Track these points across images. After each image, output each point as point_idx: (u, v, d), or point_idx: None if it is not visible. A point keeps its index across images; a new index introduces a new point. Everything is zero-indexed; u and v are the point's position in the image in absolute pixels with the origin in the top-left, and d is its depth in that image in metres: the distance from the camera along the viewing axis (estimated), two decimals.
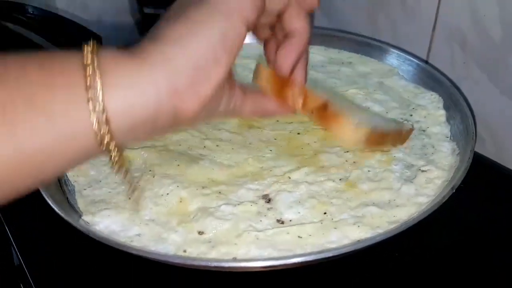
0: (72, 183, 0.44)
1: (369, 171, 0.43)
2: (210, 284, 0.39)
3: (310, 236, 0.38)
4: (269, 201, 0.41)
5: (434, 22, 0.54)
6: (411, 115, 0.50)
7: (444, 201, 0.37)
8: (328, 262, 0.36)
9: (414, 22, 0.56)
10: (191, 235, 0.38)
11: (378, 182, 0.42)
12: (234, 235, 0.38)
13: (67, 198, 0.43)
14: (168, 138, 0.48)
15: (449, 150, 0.45)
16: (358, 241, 0.37)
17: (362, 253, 0.36)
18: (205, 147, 0.47)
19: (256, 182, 0.43)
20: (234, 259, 0.36)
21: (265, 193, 0.41)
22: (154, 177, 0.43)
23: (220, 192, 0.42)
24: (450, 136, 0.47)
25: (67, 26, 0.60)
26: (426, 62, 0.56)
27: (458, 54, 0.52)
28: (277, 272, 0.37)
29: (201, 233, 0.38)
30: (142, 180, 0.43)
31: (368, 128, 0.37)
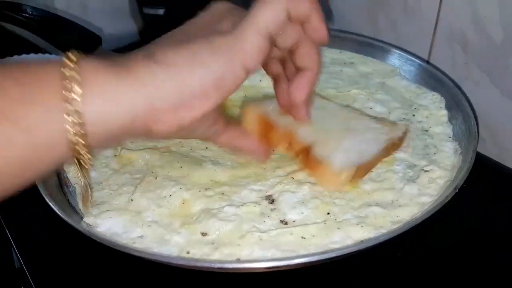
0: (73, 185, 0.44)
1: (371, 172, 0.43)
2: (214, 285, 0.39)
3: (313, 236, 0.37)
4: (272, 201, 0.41)
5: (435, 23, 0.54)
6: (413, 115, 0.49)
7: (447, 201, 0.37)
8: (331, 263, 0.36)
9: (414, 22, 0.56)
10: (194, 237, 0.38)
11: (381, 183, 0.42)
12: (237, 236, 0.38)
13: (68, 200, 0.42)
14: (170, 139, 0.48)
15: (451, 150, 0.45)
16: (362, 241, 0.36)
17: (365, 253, 0.36)
18: (207, 148, 0.47)
19: (259, 183, 0.42)
20: (238, 260, 0.36)
21: (268, 193, 0.41)
22: (156, 178, 0.43)
23: (223, 193, 0.41)
24: (452, 136, 0.47)
25: (66, 27, 0.60)
26: (427, 62, 0.56)
27: (459, 55, 0.52)
28: (280, 272, 0.36)
29: (204, 234, 0.38)
30: (144, 181, 0.43)
31: (351, 169, 0.39)
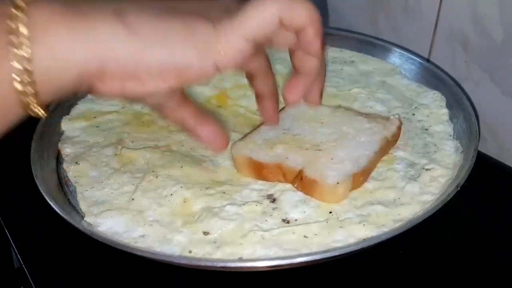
0: (73, 184, 0.44)
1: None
2: (216, 284, 0.39)
3: (315, 235, 0.37)
4: (273, 201, 0.40)
5: (435, 22, 0.54)
6: (414, 114, 0.49)
7: (449, 199, 0.37)
8: (334, 261, 0.36)
9: (415, 22, 0.56)
10: (196, 236, 0.38)
11: (382, 181, 0.42)
12: (239, 235, 0.37)
13: (69, 200, 0.42)
14: (170, 138, 0.48)
15: (452, 148, 0.45)
16: (364, 240, 0.36)
17: (367, 251, 0.36)
18: (207, 147, 0.47)
19: (260, 182, 0.42)
20: (240, 259, 0.36)
21: (269, 193, 0.41)
22: (157, 177, 0.43)
23: (224, 192, 0.41)
24: (453, 134, 0.47)
25: None
26: (428, 61, 0.56)
27: (460, 54, 0.52)
28: (282, 271, 0.36)
29: (206, 233, 0.38)
30: (145, 180, 0.43)
31: (346, 181, 0.39)
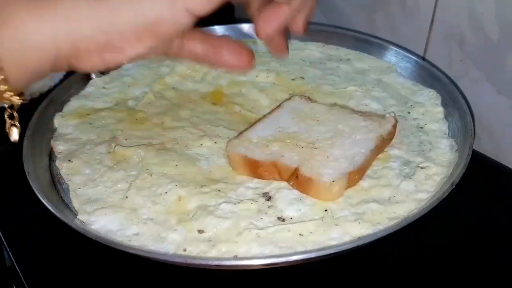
0: (66, 182, 0.43)
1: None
2: (211, 283, 0.38)
3: (311, 233, 0.37)
4: (269, 199, 0.40)
5: (431, 20, 0.54)
6: (409, 112, 0.49)
7: (444, 197, 0.37)
8: (329, 259, 0.36)
9: (412, 20, 0.56)
10: (191, 234, 0.37)
11: (378, 179, 0.42)
12: (234, 233, 0.37)
13: (61, 197, 0.42)
14: (165, 135, 0.48)
15: (447, 146, 0.45)
16: (359, 238, 0.36)
17: (362, 249, 0.36)
18: (202, 145, 0.46)
19: (255, 180, 0.42)
20: (235, 257, 0.36)
21: (265, 191, 0.41)
22: (151, 176, 0.42)
23: (219, 190, 0.41)
24: (448, 133, 0.47)
25: None
26: (423, 59, 0.56)
27: (456, 52, 0.52)
28: (278, 269, 0.36)
29: (201, 231, 0.38)
30: (139, 178, 0.42)
31: (342, 179, 0.39)
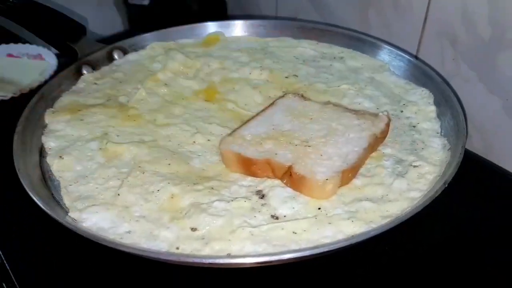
0: (57, 179, 0.42)
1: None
2: (204, 281, 0.38)
3: (304, 231, 0.37)
4: (262, 197, 0.40)
5: (424, 19, 0.54)
6: (402, 111, 0.49)
7: (437, 195, 0.37)
8: (322, 257, 0.36)
9: (404, 18, 0.56)
10: (184, 232, 0.37)
11: (371, 178, 0.42)
12: (228, 231, 0.37)
13: (52, 194, 0.41)
14: (157, 132, 0.47)
15: (439, 145, 0.45)
16: (353, 236, 0.36)
17: (356, 247, 0.36)
18: (195, 142, 0.46)
19: (248, 178, 0.42)
20: (229, 255, 0.35)
21: (258, 189, 0.41)
22: (144, 173, 0.42)
23: (212, 188, 0.41)
24: (441, 131, 0.47)
25: (50, 16, 0.58)
26: (416, 57, 0.56)
27: (448, 51, 0.53)
28: (271, 267, 0.36)
29: (194, 229, 0.37)
30: (131, 176, 0.42)
31: (336, 178, 0.39)
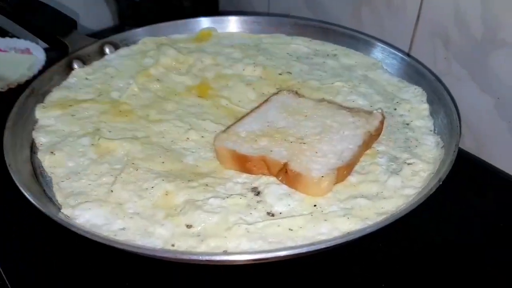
0: (49, 175, 0.42)
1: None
2: (199, 278, 0.38)
3: (300, 228, 0.37)
4: (258, 193, 0.40)
5: (417, 18, 0.54)
6: (395, 109, 0.50)
7: (431, 192, 0.38)
8: (318, 254, 0.36)
9: (397, 17, 0.57)
10: (179, 229, 0.37)
11: (366, 175, 0.42)
12: (223, 228, 0.37)
13: (44, 190, 0.40)
14: (150, 128, 0.47)
15: (433, 143, 0.45)
16: (349, 233, 0.36)
17: (351, 244, 0.36)
18: (188, 139, 0.46)
19: (243, 175, 0.42)
20: (225, 252, 0.35)
21: (253, 185, 0.41)
22: (137, 170, 0.41)
23: (207, 184, 0.40)
24: (434, 129, 0.47)
25: (40, 10, 0.57)
26: (408, 55, 0.56)
27: (440, 50, 0.53)
28: (267, 264, 0.36)
29: (189, 226, 0.37)
30: (125, 172, 0.41)
31: (331, 175, 0.39)
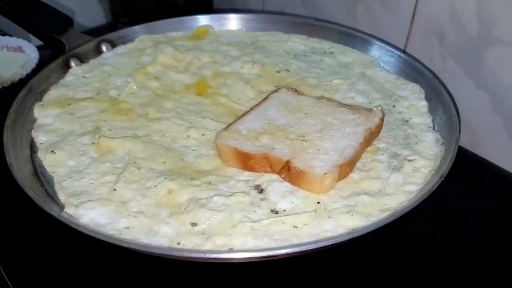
0: (50, 174, 0.41)
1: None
2: (204, 276, 0.38)
3: (305, 225, 0.37)
4: (261, 191, 0.40)
5: (412, 15, 0.55)
6: (394, 106, 0.50)
7: (434, 189, 0.38)
8: (324, 251, 0.36)
9: (392, 14, 0.57)
10: (184, 227, 0.37)
11: (368, 172, 0.42)
12: (228, 226, 0.37)
13: (46, 190, 0.40)
14: (150, 127, 0.46)
15: (432, 140, 0.46)
16: (354, 229, 0.37)
17: (355, 241, 0.36)
18: (189, 137, 0.46)
19: (245, 173, 0.42)
20: (231, 250, 0.35)
21: (256, 183, 0.41)
22: (139, 169, 0.41)
23: (210, 182, 0.40)
24: (433, 126, 0.48)
25: (36, 8, 0.56)
26: (404, 52, 0.57)
27: (436, 47, 0.54)
28: (272, 261, 0.36)
29: (194, 224, 0.37)
30: (127, 171, 0.41)
31: (334, 172, 0.39)
